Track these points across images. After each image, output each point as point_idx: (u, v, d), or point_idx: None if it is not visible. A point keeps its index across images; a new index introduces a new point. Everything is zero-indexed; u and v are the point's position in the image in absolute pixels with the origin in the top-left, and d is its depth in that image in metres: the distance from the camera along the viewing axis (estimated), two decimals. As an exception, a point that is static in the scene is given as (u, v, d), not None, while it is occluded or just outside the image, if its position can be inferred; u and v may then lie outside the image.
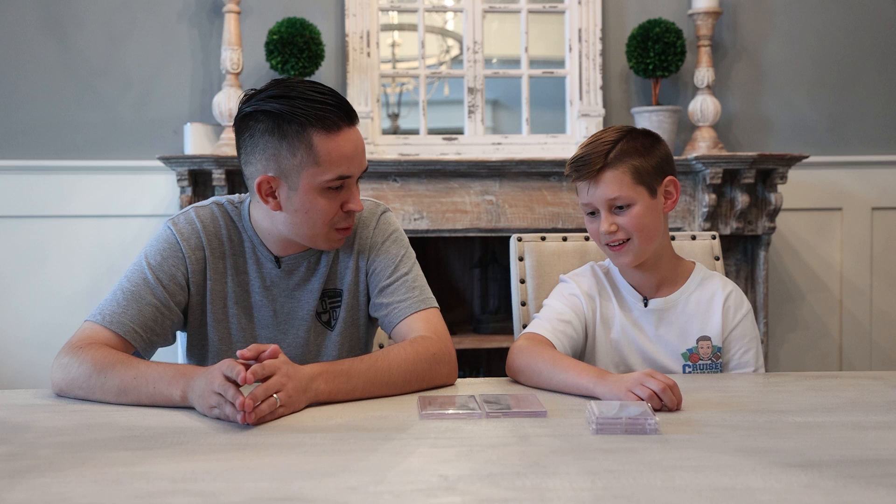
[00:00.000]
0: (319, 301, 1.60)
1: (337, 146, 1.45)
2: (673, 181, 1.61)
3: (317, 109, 1.44)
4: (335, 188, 1.48)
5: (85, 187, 3.15)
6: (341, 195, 1.49)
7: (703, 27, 3.13)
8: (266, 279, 1.58)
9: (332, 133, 1.45)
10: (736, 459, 1.03)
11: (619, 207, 1.56)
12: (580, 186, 1.60)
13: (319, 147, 1.44)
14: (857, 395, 1.41)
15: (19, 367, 3.14)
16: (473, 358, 3.39)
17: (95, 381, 1.35)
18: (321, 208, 1.48)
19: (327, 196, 1.48)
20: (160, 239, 1.55)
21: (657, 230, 1.60)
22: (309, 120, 1.43)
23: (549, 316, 1.64)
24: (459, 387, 1.51)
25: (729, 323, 1.64)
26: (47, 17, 3.14)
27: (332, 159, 1.45)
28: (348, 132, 1.47)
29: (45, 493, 0.93)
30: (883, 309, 3.42)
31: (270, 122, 1.45)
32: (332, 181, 1.46)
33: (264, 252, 1.57)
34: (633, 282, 1.66)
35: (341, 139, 1.46)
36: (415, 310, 1.55)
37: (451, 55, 4.27)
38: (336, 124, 1.45)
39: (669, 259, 1.66)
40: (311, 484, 0.95)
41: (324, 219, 1.49)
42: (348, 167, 1.48)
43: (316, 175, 1.45)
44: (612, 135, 1.59)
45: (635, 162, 1.56)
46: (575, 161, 1.59)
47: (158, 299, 1.50)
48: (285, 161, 1.45)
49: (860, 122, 3.39)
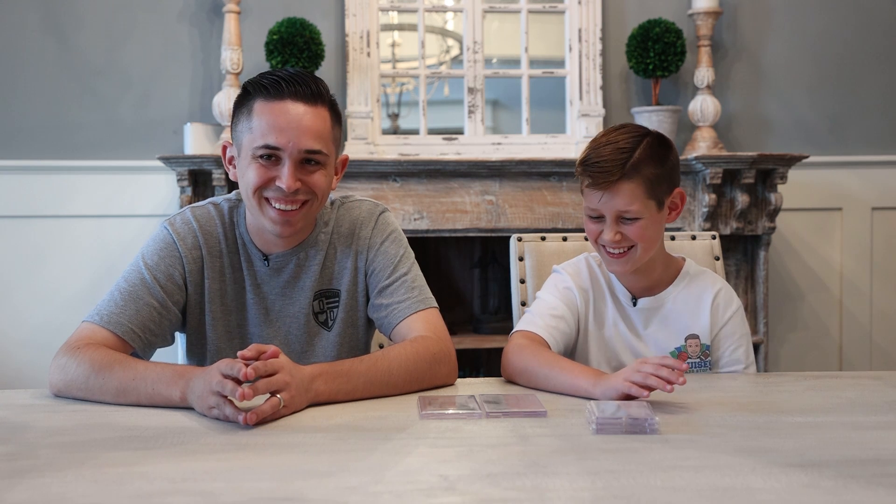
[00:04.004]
0: (316, 301, 1.59)
1: (272, 116, 1.44)
2: (680, 193, 1.60)
3: (267, 78, 1.46)
4: (265, 158, 1.45)
5: (85, 187, 3.15)
6: (275, 170, 1.46)
7: (703, 27, 3.13)
8: (256, 277, 1.58)
9: (270, 101, 1.45)
10: (736, 459, 1.03)
11: (626, 218, 1.54)
12: (590, 192, 1.56)
13: (256, 113, 1.46)
14: (857, 395, 1.41)
15: (19, 367, 3.14)
16: (473, 358, 3.39)
17: (94, 382, 1.35)
18: (249, 177, 1.47)
19: (256, 165, 1.46)
20: (157, 239, 1.55)
21: (658, 240, 1.60)
22: (256, 87, 1.47)
23: (541, 311, 1.63)
24: (459, 387, 1.51)
25: (718, 321, 1.64)
26: (47, 17, 3.14)
27: (261, 126, 1.45)
28: (291, 105, 1.45)
29: (45, 493, 0.92)
30: (883, 309, 3.42)
31: (239, 95, 1.51)
32: (259, 149, 1.45)
33: (254, 250, 1.57)
34: (623, 281, 1.66)
35: (277, 108, 1.44)
36: (414, 310, 1.55)
37: (451, 55, 4.27)
38: (279, 94, 1.45)
39: (662, 262, 1.65)
40: (311, 484, 0.95)
41: (253, 187, 1.47)
42: (276, 138, 1.44)
43: (251, 142, 1.46)
44: (627, 140, 1.54)
45: (650, 173, 1.52)
46: (590, 165, 1.53)
47: (156, 299, 1.50)
48: (236, 127, 1.50)
49: (860, 122, 3.39)
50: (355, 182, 2.95)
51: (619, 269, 1.60)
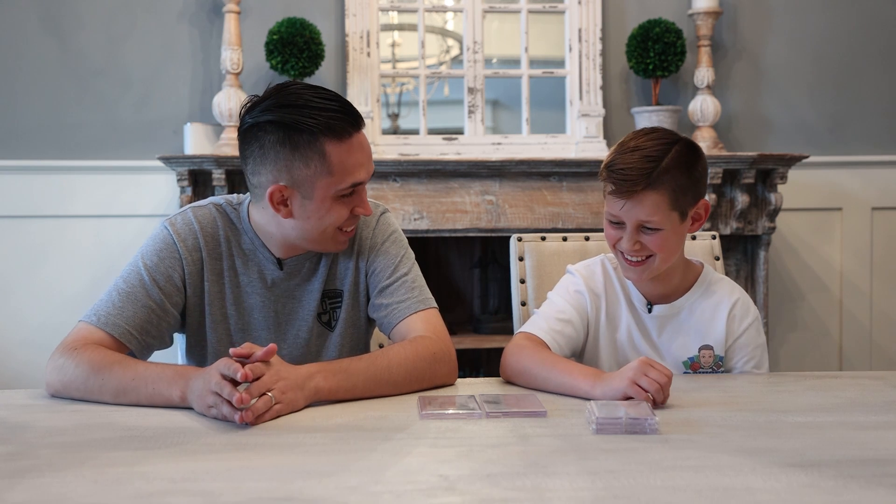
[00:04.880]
0: (320, 302, 1.60)
1: (350, 155, 1.46)
2: (705, 204, 1.55)
3: (327, 118, 1.43)
4: (348, 195, 1.49)
5: (85, 187, 3.15)
6: (353, 200, 1.50)
7: (703, 27, 3.13)
8: (267, 280, 1.57)
9: (344, 141, 1.45)
10: (736, 459, 1.03)
11: (647, 228, 1.50)
12: (612, 198, 1.51)
13: (333, 157, 1.44)
14: (857, 395, 1.41)
15: (19, 367, 3.14)
16: (473, 358, 3.39)
17: (93, 382, 1.35)
18: (335, 215, 1.49)
19: (340, 203, 1.49)
20: (157, 239, 1.54)
21: (678, 251, 1.57)
22: (320, 129, 1.42)
23: (548, 314, 1.62)
24: (459, 387, 1.51)
25: (733, 332, 1.61)
26: (47, 17, 3.14)
27: (345, 168, 1.45)
28: (358, 138, 1.47)
29: (45, 493, 0.93)
30: (883, 309, 3.42)
31: (280, 132, 1.43)
32: (347, 189, 1.48)
33: (266, 254, 1.57)
34: (639, 287, 1.63)
35: (353, 147, 1.46)
36: (414, 310, 1.55)
37: (451, 55, 4.27)
38: (347, 132, 1.45)
39: (680, 269, 1.62)
40: (311, 484, 0.95)
41: (336, 224, 1.50)
42: (362, 175, 1.49)
43: (331, 185, 1.46)
44: (656, 147, 1.49)
45: (675, 185, 1.47)
46: (615, 172, 1.48)
47: (154, 301, 1.49)
48: (298, 171, 1.44)
49: (860, 122, 3.39)
50: (355, 182, 2.95)
51: (635, 276, 1.58)
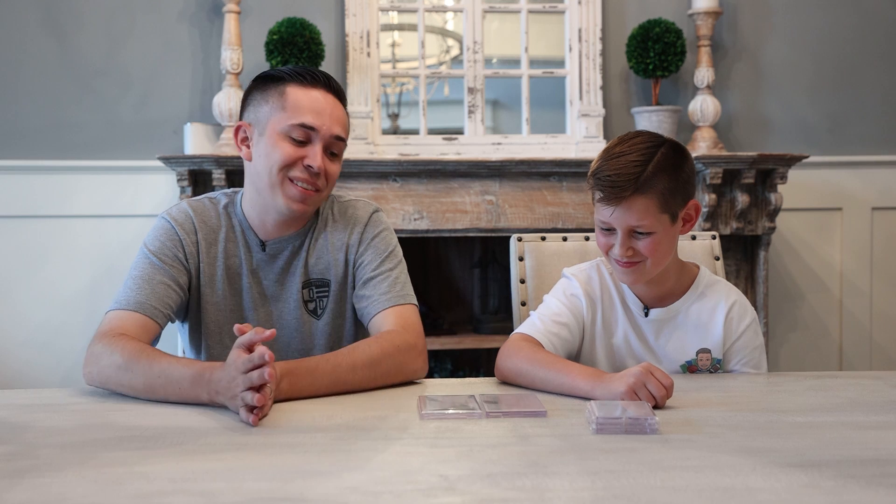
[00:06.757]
0: (306, 290, 1.64)
1: (306, 98, 1.55)
2: (695, 205, 1.55)
3: (300, 69, 1.58)
4: (297, 139, 1.54)
5: (85, 187, 3.15)
6: (303, 150, 1.55)
7: (703, 27, 3.13)
8: (253, 262, 1.64)
9: (305, 87, 1.56)
10: (736, 459, 1.03)
11: (638, 232, 1.50)
12: (601, 205, 1.51)
13: (290, 96, 1.55)
14: (857, 395, 1.41)
15: (19, 367, 3.14)
16: (473, 358, 3.39)
17: (123, 376, 1.37)
18: (279, 152, 1.54)
19: (288, 142, 1.54)
20: (157, 228, 1.62)
21: (671, 253, 1.56)
22: (289, 75, 1.57)
23: (545, 316, 1.62)
24: (459, 387, 1.51)
25: (731, 335, 1.61)
26: (47, 17, 3.14)
27: (297, 107, 1.54)
28: (323, 93, 1.57)
29: (45, 493, 0.92)
30: (883, 309, 3.42)
31: (259, 81, 1.60)
32: (295, 127, 1.53)
33: (252, 236, 1.63)
34: (635, 290, 1.63)
35: (312, 96, 1.56)
36: (392, 304, 1.59)
37: (451, 55, 4.27)
38: (314, 82, 1.56)
39: (675, 271, 1.62)
40: (311, 484, 0.95)
41: (280, 164, 1.54)
42: (313, 119, 1.54)
43: (281, 120, 1.54)
44: (641, 151, 1.48)
45: (663, 187, 1.47)
46: (601, 179, 1.49)
47: (167, 276, 1.56)
48: (260, 108, 1.57)
49: (860, 122, 3.39)
50: (355, 182, 2.95)
51: (628, 280, 1.57)
